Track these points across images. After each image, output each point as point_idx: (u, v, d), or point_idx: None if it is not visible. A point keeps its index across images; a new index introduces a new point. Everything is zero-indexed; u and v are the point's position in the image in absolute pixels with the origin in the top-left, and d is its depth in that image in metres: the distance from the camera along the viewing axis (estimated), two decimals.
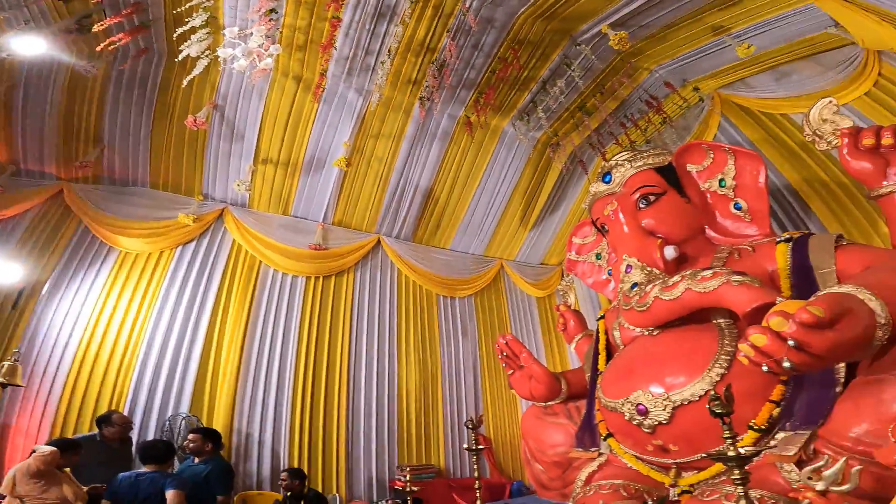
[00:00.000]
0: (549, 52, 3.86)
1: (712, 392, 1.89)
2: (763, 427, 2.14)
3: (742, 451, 1.70)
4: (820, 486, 1.28)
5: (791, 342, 1.55)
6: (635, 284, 2.62)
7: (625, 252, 2.75)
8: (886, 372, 1.76)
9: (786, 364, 1.59)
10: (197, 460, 3.82)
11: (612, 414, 2.69)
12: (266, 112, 4.07)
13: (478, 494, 3.14)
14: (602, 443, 2.94)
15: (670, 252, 2.66)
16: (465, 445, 3.58)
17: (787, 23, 3.14)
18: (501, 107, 4.23)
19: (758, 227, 2.67)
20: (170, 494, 3.32)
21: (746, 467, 2.17)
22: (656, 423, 2.43)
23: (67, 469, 3.21)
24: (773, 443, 2.08)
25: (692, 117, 4.05)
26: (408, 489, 2.96)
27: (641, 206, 2.80)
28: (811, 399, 2.04)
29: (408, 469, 3.15)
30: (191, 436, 3.83)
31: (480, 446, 3.26)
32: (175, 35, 3.45)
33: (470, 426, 3.26)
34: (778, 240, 2.47)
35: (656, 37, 3.61)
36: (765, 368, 1.67)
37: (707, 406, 1.81)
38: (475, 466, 3.19)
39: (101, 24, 3.34)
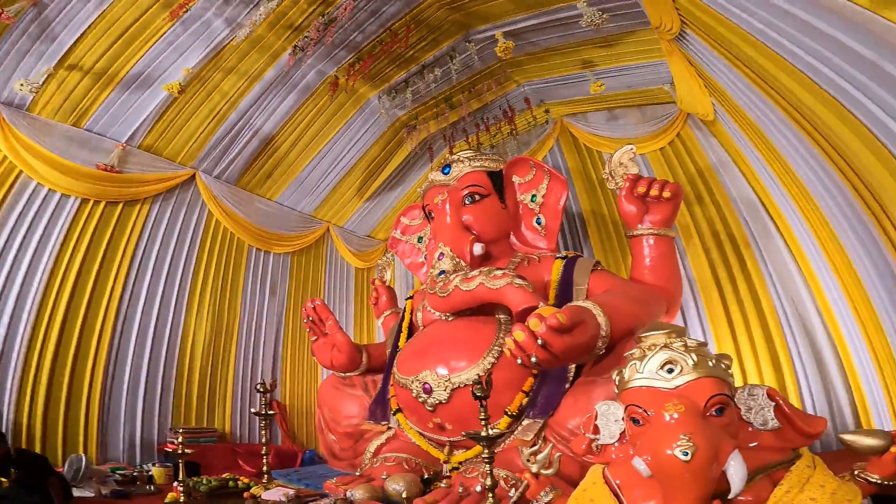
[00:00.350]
0: (441, 39, 3.91)
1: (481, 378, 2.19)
2: (515, 413, 2.54)
3: (491, 432, 1.98)
4: (534, 468, 1.49)
5: (540, 341, 1.86)
6: (443, 272, 2.84)
7: (442, 240, 2.95)
8: (599, 375, 2.24)
9: (533, 359, 1.91)
10: None
11: (403, 390, 2.87)
12: (101, 19, 3.20)
13: (265, 461, 3.05)
14: (392, 417, 3.12)
15: (478, 249, 2.93)
16: (254, 410, 3.48)
17: (639, 72, 3.64)
18: (374, 77, 4.13)
19: (547, 242, 3.05)
20: None
21: (499, 449, 2.54)
22: (437, 402, 2.67)
23: None
24: (519, 428, 2.47)
25: (535, 135, 4.52)
26: (180, 451, 2.70)
27: (467, 202, 3.05)
28: (548, 393, 2.46)
29: (181, 431, 2.86)
30: None
31: (271, 412, 3.19)
32: None
33: (261, 390, 3.15)
34: (557, 256, 2.90)
35: (536, 55, 3.90)
36: (519, 361, 1.98)
37: (471, 390, 2.06)
38: (264, 432, 3.10)
39: None
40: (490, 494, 1.94)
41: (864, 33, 1.42)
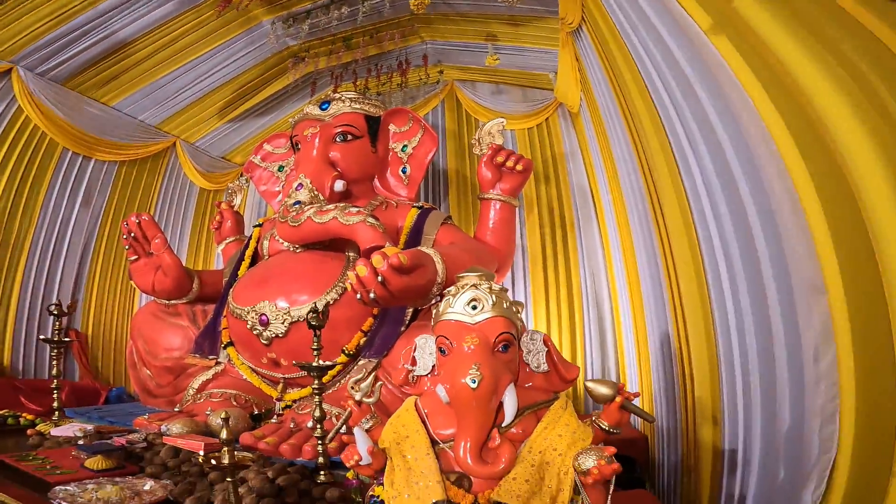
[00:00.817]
0: None
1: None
2: (352, 352, 2.56)
3: (322, 363, 1.99)
4: (357, 396, 1.53)
5: (380, 278, 1.90)
6: (298, 202, 2.73)
7: (303, 172, 2.83)
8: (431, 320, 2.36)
9: (371, 295, 1.95)
10: None
11: (237, 321, 2.70)
12: None
13: (55, 397, 2.58)
14: (222, 351, 2.91)
15: (339, 186, 2.88)
16: (43, 336, 2.92)
17: (533, 56, 3.83)
18: (273, 2, 3.66)
19: (408, 192, 3.14)
20: None
21: (333, 389, 2.53)
22: (273, 335, 2.57)
23: None
24: (354, 368, 2.51)
25: (423, 92, 4.54)
26: None
27: (338, 140, 2.96)
28: (385, 334, 2.54)
29: None
30: None
31: (66, 339, 2.78)
32: None
33: (55, 312, 2.70)
34: (414, 205, 2.99)
35: (448, 17, 3.83)
36: (358, 296, 1.99)
37: (306, 318, 2.04)
38: (55, 363, 2.63)
39: None
40: (318, 426, 1.95)
41: (695, 55, 1.65)
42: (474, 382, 1.30)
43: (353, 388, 1.54)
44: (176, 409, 2.71)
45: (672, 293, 2.24)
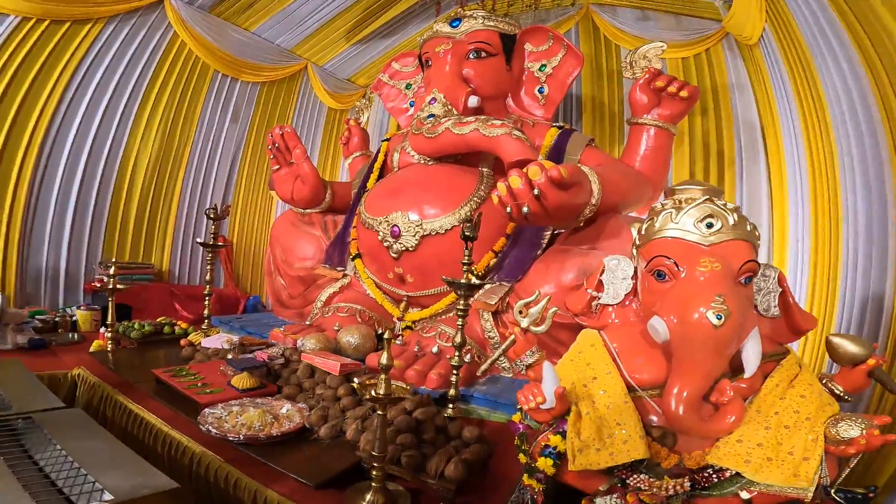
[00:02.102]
0: None
1: (460, 226, 2.02)
2: (481, 273, 2.43)
3: (474, 280, 1.86)
4: (524, 322, 1.27)
5: (536, 191, 1.76)
6: (432, 115, 2.65)
7: (436, 87, 2.75)
8: (576, 245, 2.19)
9: (525, 209, 1.80)
10: None
11: (368, 232, 2.72)
12: None
13: (206, 303, 2.83)
14: (349, 263, 3.00)
15: (474, 101, 2.76)
16: (201, 240, 3.16)
17: None
18: None
19: (545, 112, 3.00)
20: None
21: (452, 315, 2.38)
22: (403, 248, 2.55)
23: None
24: (483, 290, 2.38)
25: (554, 15, 4.17)
26: (109, 287, 2.36)
27: (471, 57, 2.84)
28: (518, 256, 2.40)
29: (113, 264, 2.52)
30: None
31: (220, 243, 2.95)
32: None
33: (212, 216, 2.87)
34: (553, 125, 2.85)
35: None
36: (508, 210, 1.86)
37: (460, 227, 1.99)
38: (209, 267, 2.85)
39: None
40: (457, 353, 1.87)
41: None
42: (719, 318, 1.04)
43: (520, 312, 1.31)
44: (307, 323, 2.84)
45: None
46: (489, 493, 1.38)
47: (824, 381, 1.22)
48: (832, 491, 1.11)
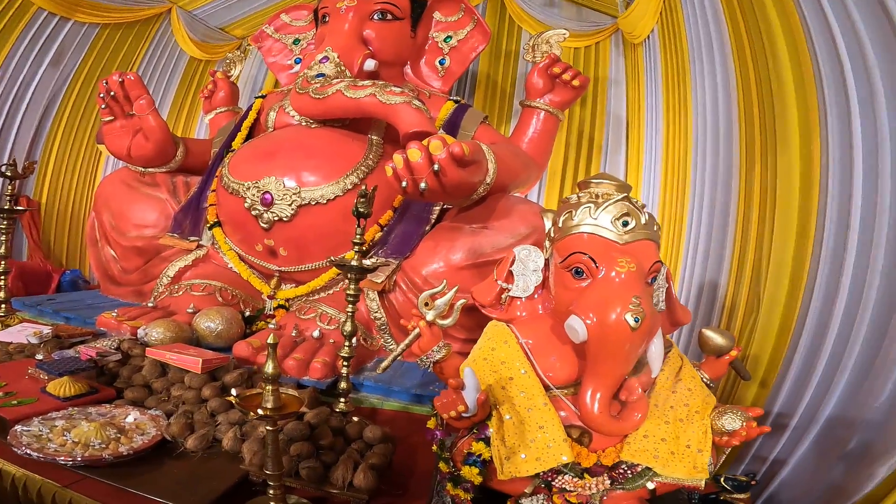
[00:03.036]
0: None
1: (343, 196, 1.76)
2: (366, 249, 2.20)
3: (366, 262, 1.66)
4: (430, 315, 1.18)
5: (436, 166, 1.63)
6: (322, 74, 2.35)
7: (331, 45, 2.47)
8: (466, 223, 2.11)
9: (422, 185, 1.66)
10: None
11: (232, 198, 2.29)
12: None
13: (3, 282, 2.19)
14: (205, 232, 2.51)
15: (370, 65, 2.54)
16: None
17: None
18: None
19: (443, 84, 2.92)
20: None
21: (336, 289, 2.20)
22: (276, 218, 2.20)
23: None
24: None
25: None
26: None
27: (376, 18, 2.63)
28: (405, 231, 2.25)
29: None
30: None
31: (19, 207, 2.38)
32: None
33: (8, 174, 2.28)
34: (449, 98, 2.79)
35: None
36: (404, 184, 1.70)
37: (343, 197, 1.84)
38: (3, 238, 2.24)
39: None
40: (346, 343, 1.66)
41: None
42: (637, 321, 1.00)
43: (425, 303, 1.18)
44: (149, 304, 2.31)
45: (742, 241, 2.00)
46: (404, 495, 1.24)
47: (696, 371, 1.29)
48: (721, 479, 1.15)
